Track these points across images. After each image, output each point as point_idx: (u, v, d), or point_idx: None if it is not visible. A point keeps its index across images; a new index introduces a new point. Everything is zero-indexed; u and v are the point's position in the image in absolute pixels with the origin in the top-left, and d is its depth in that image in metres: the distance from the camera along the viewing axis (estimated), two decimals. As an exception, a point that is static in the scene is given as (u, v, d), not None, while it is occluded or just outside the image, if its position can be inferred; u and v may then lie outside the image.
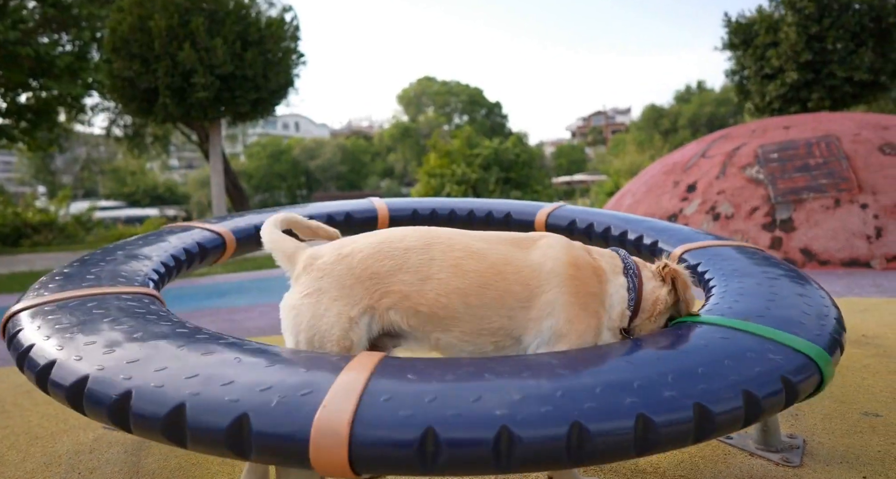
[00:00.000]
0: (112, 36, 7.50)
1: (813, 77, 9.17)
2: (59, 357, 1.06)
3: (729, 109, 40.33)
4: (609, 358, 1.05)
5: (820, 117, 7.01)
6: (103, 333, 1.12)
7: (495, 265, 1.21)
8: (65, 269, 1.56)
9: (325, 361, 1.00)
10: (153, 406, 0.92)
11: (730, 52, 10.44)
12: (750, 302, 1.34)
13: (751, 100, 10.22)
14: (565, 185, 30.43)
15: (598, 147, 54.10)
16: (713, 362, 1.04)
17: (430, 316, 1.18)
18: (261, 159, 43.09)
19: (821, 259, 5.33)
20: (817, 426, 1.68)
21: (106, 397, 0.96)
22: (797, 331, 1.19)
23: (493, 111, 48.69)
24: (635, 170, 19.77)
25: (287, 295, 1.24)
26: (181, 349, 1.03)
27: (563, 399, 0.90)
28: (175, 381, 0.94)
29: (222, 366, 0.98)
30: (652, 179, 7.44)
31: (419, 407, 0.87)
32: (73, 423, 2.08)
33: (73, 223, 17.07)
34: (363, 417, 0.86)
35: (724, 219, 6.01)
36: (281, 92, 8.50)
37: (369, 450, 0.85)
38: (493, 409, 0.87)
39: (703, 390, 0.97)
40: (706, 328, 1.19)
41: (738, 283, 1.51)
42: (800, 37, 8.96)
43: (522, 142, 21.77)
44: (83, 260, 1.65)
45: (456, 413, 0.86)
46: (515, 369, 0.98)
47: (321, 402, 0.88)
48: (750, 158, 6.43)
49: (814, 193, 5.73)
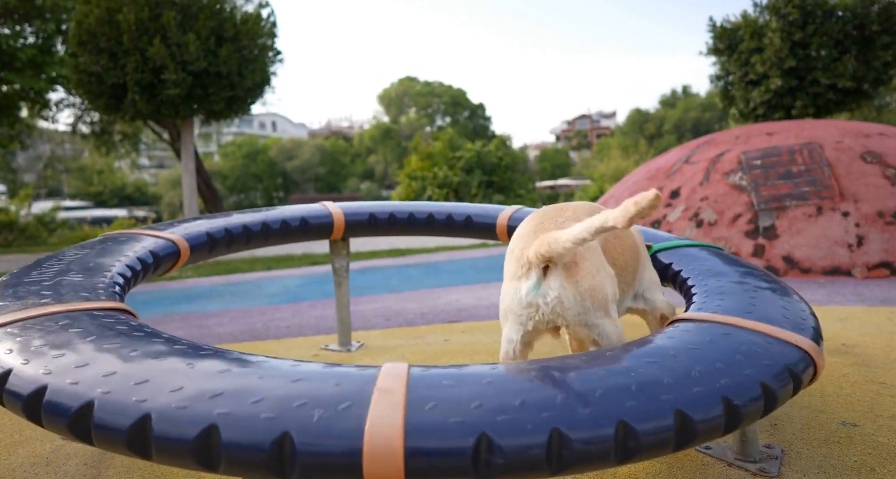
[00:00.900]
0: (78, 29, 7.36)
1: (797, 84, 9.39)
2: (50, 382, 1.00)
3: (714, 115, 41.11)
4: (629, 356, 1.11)
5: (803, 124, 7.17)
6: (97, 354, 1.07)
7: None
8: (7, 282, 1.49)
9: (349, 373, 1.00)
10: (179, 430, 0.88)
11: (714, 57, 10.64)
12: (734, 300, 1.43)
13: (735, 106, 10.42)
14: (549, 189, 30.66)
15: (583, 151, 54.64)
16: (727, 357, 1.12)
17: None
18: (236, 159, 42.62)
19: (802, 267, 5.44)
20: (795, 436, 1.71)
21: (122, 422, 0.92)
22: (786, 326, 1.28)
23: (476, 113, 48.89)
24: (620, 175, 19.99)
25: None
26: (191, 368, 1.01)
27: (604, 399, 0.94)
28: (199, 402, 0.91)
29: (245, 383, 0.96)
30: (636, 184, 7.53)
31: (468, 413, 0.89)
32: (28, 434, 2.02)
33: (36, 224, 16.67)
34: (413, 426, 0.87)
35: (707, 226, 6.10)
36: (257, 90, 8.43)
37: (424, 460, 0.85)
38: (539, 412, 0.90)
39: (726, 384, 1.03)
40: (706, 326, 1.28)
41: (716, 282, 1.59)
42: (784, 43, 9.18)
43: (506, 145, 21.91)
44: (22, 273, 1.58)
45: (507, 418, 0.88)
46: (546, 372, 1.01)
47: (366, 414, 0.88)
48: (733, 164, 6.54)
49: (796, 200, 5.85)
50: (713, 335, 1.21)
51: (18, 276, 1.57)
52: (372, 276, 6.30)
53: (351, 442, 0.85)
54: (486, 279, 6.00)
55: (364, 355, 3.04)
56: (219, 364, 1.02)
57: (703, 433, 0.98)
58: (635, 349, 1.14)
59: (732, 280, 1.59)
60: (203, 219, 2.37)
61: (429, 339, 3.42)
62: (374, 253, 9.12)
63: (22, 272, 1.61)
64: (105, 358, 1.06)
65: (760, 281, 1.58)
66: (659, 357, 1.09)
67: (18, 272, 1.61)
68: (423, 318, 4.15)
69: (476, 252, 9.02)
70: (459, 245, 10.24)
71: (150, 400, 0.93)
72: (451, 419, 0.88)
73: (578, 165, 47.22)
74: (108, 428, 0.93)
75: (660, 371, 1.04)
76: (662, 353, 1.12)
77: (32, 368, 1.05)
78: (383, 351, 2.98)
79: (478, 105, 48.88)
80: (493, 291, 5.23)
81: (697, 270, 1.74)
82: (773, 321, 1.29)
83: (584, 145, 56.10)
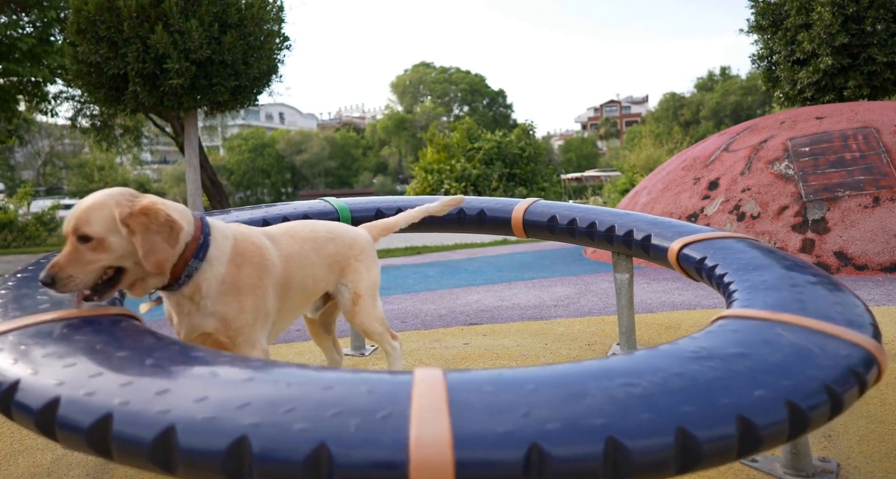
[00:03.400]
0: (77, 17, 7.48)
1: (849, 62, 9.17)
2: (62, 394, 1.01)
3: (756, 98, 40.42)
4: (680, 357, 1.09)
5: (857, 107, 7.00)
6: (110, 362, 1.09)
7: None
8: (5, 287, 1.51)
9: (381, 379, 0.99)
10: (207, 442, 0.88)
11: (756, 35, 10.44)
12: (781, 295, 1.39)
13: (780, 88, 10.21)
14: (575, 182, 30.46)
15: (612, 140, 54.15)
16: (786, 357, 1.10)
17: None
18: (242, 153, 43.10)
19: (857, 264, 5.32)
20: (853, 449, 1.67)
21: (144, 434, 0.92)
22: (842, 322, 1.25)
23: (496, 101, 48.74)
24: (652, 165, 19.78)
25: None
26: (214, 376, 1.01)
27: (661, 405, 0.93)
28: (227, 412, 0.91)
29: (274, 391, 0.95)
30: (669, 175, 7.44)
31: (516, 422, 0.88)
32: (28, 443, 2.06)
33: (35, 223, 17.03)
34: (462, 436, 0.86)
35: (749, 219, 6.00)
36: (263, 79, 8.48)
37: (474, 472, 0.85)
38: (593, 419, 0.89)
39: (789, 387, 1.02)
40: (756, 323, 1.25)
41: (759, 276, 1.54)
42: (835, 18, 8.96)
43: (528, 134, 21.79)
44: (19, 278, 1.60)
45: (558, 427, 0.88)
46: (592, 375, 1.00)
47: (408, 423, 0.87)
48: (779, 151, 6.42)
49: (850, 190, 5.72)
50: (766, 334, 1.18)
51: (16, 279, 1.60)
52: (386, 275, 6.32)
53: (395, 453, 0.84)
54: (509, 279, 5.98)
55: (379, 360, 3.04)
56: (242, 372, 1.02)
57: (767, 439, 0.96)
58: (686, 350, 1.12)
59: (776, 274, 1.55)
60: (291, 203, 2.47)
61: (447, 342, 3.41)
62: (389, 251, 9.15)
63: (19, 276, 1.63)
64: (119, 366, 1.06)
65: (806, 275, 1.54)
66: (713, 359, 1.08)
67: (15, 276, 1.64)
68: (441, 320, 4.14)
69: (498, 249, 9.00)
70: (480, 242, 10.22)
71: (174, 411, 0.93)
72: (499, 429, 0.86)
73: (607, 154, 46.84)
74: (130, 441, 0.92)
75: (716, 374, 1.02)
76: (716, 354, 1.10)
77: (43, 378, 1.05)
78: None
79: (498, 92, 48.70)
80: (517, 290, 5.20)
81: (735, 263, 1.70)
82: (828, 318, 1.26)
83: (612, 134, 55.60)
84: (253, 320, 1.57)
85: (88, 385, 1.01)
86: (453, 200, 2.37)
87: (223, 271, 1.52)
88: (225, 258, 1.53)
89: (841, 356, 1.14)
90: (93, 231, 1.33)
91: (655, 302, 4.43)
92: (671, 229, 2.18)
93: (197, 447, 0.88)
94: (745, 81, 42.08)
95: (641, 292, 4.82)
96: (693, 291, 4.80)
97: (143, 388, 0.99)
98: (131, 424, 0.93)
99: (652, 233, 2.24)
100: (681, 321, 3.72)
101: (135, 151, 19.84)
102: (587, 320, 3.91)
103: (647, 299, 4.52)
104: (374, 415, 0.88)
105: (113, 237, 1.35)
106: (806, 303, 1.34)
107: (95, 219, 1.34)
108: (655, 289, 4.98)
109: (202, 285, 1.49)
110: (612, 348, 3.10)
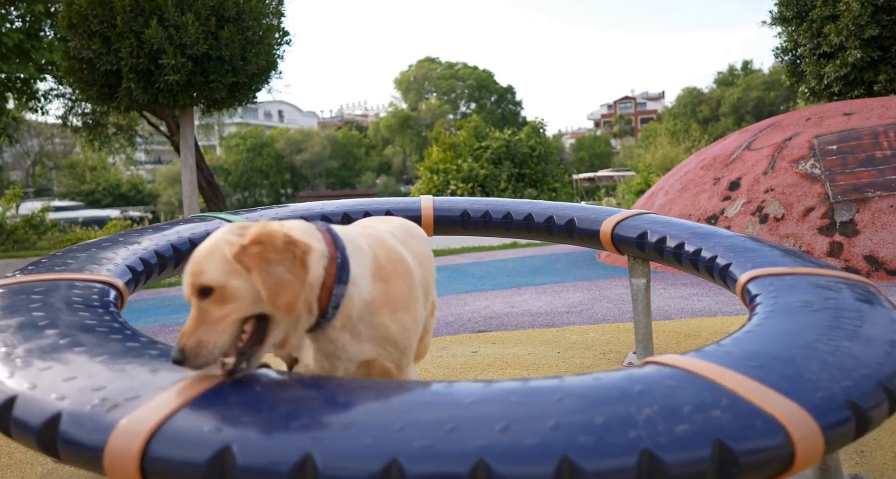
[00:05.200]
0: (68, 11, 7.53)
1: (880, 55, 9.11)
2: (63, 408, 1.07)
3: (779, 94, 40.23)
4: (710, 364, 1.08)
5: (888, 102, 6.95)
6: (84, 366, 1.15)
7: None
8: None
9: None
10: (187, 452, 0.94)
11: (780, 27, 10.39)
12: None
13: (805, 82, 10.16)
14: (587, 182, 30.41)
15: (626, 138, 54.06)
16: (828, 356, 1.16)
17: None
18: (240, 153, 43.28)
19: (889, 269, 5.27)
20: (888, 466, 1.64)
21: (197, 456, 0.95)
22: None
23: (504, 97, 48.75)
24: (668, 165, 19.69)
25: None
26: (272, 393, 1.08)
27: (695, 415, 0.94)
28: (292, 432, 0.96)
29: (344, 413, 1.00)
30: (688, 174, 7.41)
31: (545, 434, 0.88)
32: (18, 457, 2.06)
33: (24, 226, 17.13)
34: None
35: (772, 221, 5.96)
36: (262, 75, 8.51)
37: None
38: (625, 431, 0.89)
39: (848, 387, 1.06)
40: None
41: (777, 322, 1.35)
42: (864, 8, 8.90)
43: (538, 133, 21.78)
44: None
45: (589, 439, 0.88)
46: (619, 384, 1.00)
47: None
48: (804, 150, 6.39)
49: (881, 190, 5.68)
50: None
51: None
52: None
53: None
54: (519, 284, 5.96)
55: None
56: (292, 391, 1.08)
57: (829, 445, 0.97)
58: (713, 355, 1.10)
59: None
60: (180, 224, 2.43)
61: (454, 350, 3.40)
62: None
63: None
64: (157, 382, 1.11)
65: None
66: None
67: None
68: (449, 327, 4.13)
69: (507, 253, 8.98)
70: (489, 245, 10.21)
71: (227, 430, 0.95)
72: (526, 441, 0.86)
73: (621, 153, 46.76)
74: (177, 464, 0.93)
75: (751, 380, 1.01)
76: (757, 355, 1.09)
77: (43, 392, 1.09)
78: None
79: (506, 88, 48.71)
80: (528, 296, 5.18)
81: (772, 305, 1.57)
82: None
83: (627, 132, 55.49)
84: (415, 338, 1.43)
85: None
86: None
87: (370, 289, 1.33)
88: (368, 274, 1.33)
89: (890, 356, 1.16)
90: (210, 279, 1.14)
91: (674, 308, 4.41)
92: (750, 258, 1.95)
93: (177, 458, 0.94)
94: (768, 76, 41.92)
95: (659, 297, 4.80)
96: (714, 297, 4.77)
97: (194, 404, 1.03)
98: (179, 445, 0.96)
99: (733, 262, 2.01)
100: (700, 329, 3.70)
101: (128, 150, 19.92)
102: (601, 327, 3.89)
103: (664, 306, 4.50)
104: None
105: (235, 281, 1.14)
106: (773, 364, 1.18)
107: (209, 265, 1.15)
108: (673, 295, 4.96)
109: (352, 310, 1.30)
110: (629, 356, 3.08)
